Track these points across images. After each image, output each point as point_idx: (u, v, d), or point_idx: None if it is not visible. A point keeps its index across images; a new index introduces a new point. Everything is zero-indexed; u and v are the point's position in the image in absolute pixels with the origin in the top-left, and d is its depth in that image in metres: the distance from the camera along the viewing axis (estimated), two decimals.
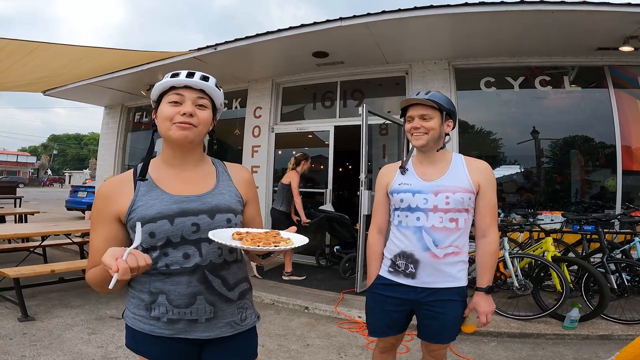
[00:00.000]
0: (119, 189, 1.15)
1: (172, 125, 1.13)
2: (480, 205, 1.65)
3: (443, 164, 1.69)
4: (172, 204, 1.13)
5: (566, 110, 5.39)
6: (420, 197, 1.63)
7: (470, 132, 5.74)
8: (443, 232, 1.60)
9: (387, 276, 1.71)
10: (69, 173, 45.00)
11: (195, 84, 1.15)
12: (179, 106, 1.13)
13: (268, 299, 4.27)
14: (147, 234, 1.09)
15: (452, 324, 1.63)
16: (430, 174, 1.68)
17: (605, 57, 4.93)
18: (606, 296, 3.35)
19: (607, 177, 5.11)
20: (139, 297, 1.15)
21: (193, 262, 1.12)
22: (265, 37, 5.03)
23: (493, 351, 3.17)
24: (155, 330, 1.12)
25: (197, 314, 1.13)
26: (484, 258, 1.65)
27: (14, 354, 2.79)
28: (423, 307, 1.64)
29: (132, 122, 8.95)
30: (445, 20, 4.38)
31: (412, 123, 1.67)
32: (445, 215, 1.60)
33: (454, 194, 1.59)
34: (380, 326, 1.75)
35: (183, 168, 1.20)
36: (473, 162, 1.70)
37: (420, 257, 1.61)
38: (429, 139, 1.64)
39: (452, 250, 1.60)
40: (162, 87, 1.16)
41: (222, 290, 1.17)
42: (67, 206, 10.96)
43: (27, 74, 5.43)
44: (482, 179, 1.64)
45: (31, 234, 4.62)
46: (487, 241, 1.65)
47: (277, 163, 6.66)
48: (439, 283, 1.61)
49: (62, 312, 3.66)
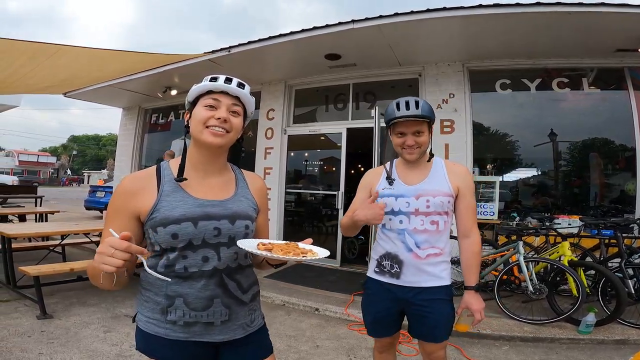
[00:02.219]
0: (141, 186, 1.14)
1: (205, 129, 1.14)
2: (461, 208, 1.72)
3: (424, 168, 1.75)
4: (196, 207, 1.13)
5: (584, 113, 5.29)
6: (402, 200, 1.69)
7: (486, 134, 5.68)
8: (425, 234, 1.66)
9: (374, 276, 1.79)
10: (88, 173, 46.07)
11: (232, 90, 1.17)
12: (214, 110, 1.15)
13: (279, 300, 4.30)
14: (170, 235, 1.09)
15: (442, 323, 1.67)
16: (412, 177, 1.74)
17: (625, 58, 4.82)
18: (623, 301, 3.29)
19: (627, 180, 4.99)
20: (154, 301, 1.14)
21: (212, 266, 1.14)
22: (277, 40, 5.09)
23: (505, 355, 3.13)
24: (171, 333, 1.12)
25: (214, 317, 1.14)
26: (468, 258, 1.72)
27: (32, 351, 2.86)
28: (412, 306, 1.69)
29: (149, 124, 9.11)
30: (458, 22, 4.34)
31: (404, 139, 1.68)
32: (427, 218, 1.66)
33: (434, 198, 1.66)
34: (374, 326, 1.81)
35: (207, 172, 1.21)
36: (452, 167, 1.76)
37: (404, 258, 1.68)
38: (421, 152, 1.70)
39: (433, 251, 1.67)
40: (200, 90, 1.17)
41: (237, 293, 1.20)
42: (86, 206, 11.21)
43: (48, 76, 5.59)
44: (461, 182, 1.71)
45: (51, 232, 4.75)
46: (470, 242, 1.71)
47: (289, 165, 6.70)
48: (423, 282, 1.67)
49: (80, 310, 3.76)
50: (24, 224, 6.01)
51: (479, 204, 5.19)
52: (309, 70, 6.22)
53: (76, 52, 4.59)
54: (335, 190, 6.11)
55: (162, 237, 1.10)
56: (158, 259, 1.14)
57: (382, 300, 1.75)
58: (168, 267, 1.13)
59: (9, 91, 7.20)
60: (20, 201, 10.41)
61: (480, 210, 5.18)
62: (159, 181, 1.16)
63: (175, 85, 7.20)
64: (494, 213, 5.12)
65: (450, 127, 5.30)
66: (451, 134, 5.28)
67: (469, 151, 5.20)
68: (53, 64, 4.85)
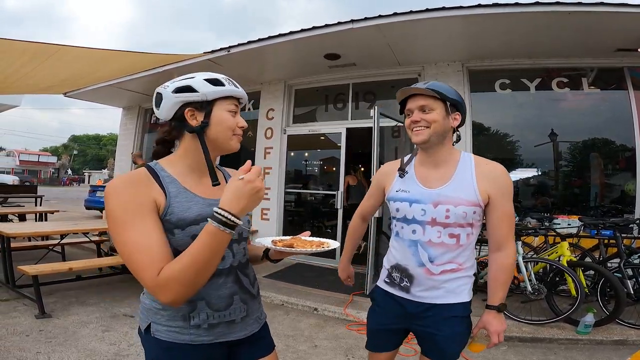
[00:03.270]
0: (145, 181, 1.06)
1: (233, 136, 1.16)
2: (493, 217, 1.43)
3: (448, 167, 1.47)
4: (207, 206, 1.09)
5: (584, 113, 5.28)
6: (417, 207, 1.45)
7: (486, 134, 5.68)
8: (441, 248, 1.42)
9: (384, 287, 1.60)
10: (89, 173, 46.06)
11: (245, 99, 1.21)
12: (235, 117, 1.16)
13: (278, 299, 4.30)
14: (190, 237, 1.02)
15: (454, 343, 1.45)
16: (432, 179, 1.48)
17: (625, 58, 4.81)
18: (622, 301, 3.29)
19: (627, 181, 4.98)
20: (173, 309, 1.08)
21: (228, 263, 1.14)
22: (277, 40, 5.09)
23: (503, 355, 3.13)
24: (196, 339, 1.09)
25: (235, 314, 1.15)
26: (497, 274, 1.45)
27: (30, 350, 2.86)
28: (421, 323, 1.48)
29: (149, 124, 9.13)
30: (458, 22, 4.34)
31: (411, 117, 1.46)
32: (444, 230, 1.41)
33: (456, 207, 1.39)
34: (374, 338, 1.61)
35: (202, 172, 1.18)
36: (484, 166, 1.46)
37: (414, 273, 1.46)
38: (431, 133, 1.42)
39: (450, 267, 1.43)
40: (223, 93, 1.14)
41: (249, 287, 1.22)
42: (86, 205, 11.22)
43: (49, 76, 5.61)
44: (494, 188, 1.41)
45: (50, 232, 4.76)
46: (502, 255, 1.44)
47: (289, 164, 6.70)
48: (435, 299, 1.44)
49: (78, 309, 3.76)
50: (23, 223, 6.01)
51: None
52: (309, 70, 6.22)
53: (77, 52, 4.60)
54: (335, 190, 6.11)
55: (181, 239, 1.04)
56: None
57: (389, 312, 1.56)
58: None
59: (10, 91, 7.22)
60: (20, 201, 10.43)
61: None
62: (158, 181, 1.09)
63: None
64: None
65: None
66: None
67: (468, 151, 5.17)
68: (54, 64, 4.86)
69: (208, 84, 1.12)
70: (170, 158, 1.17)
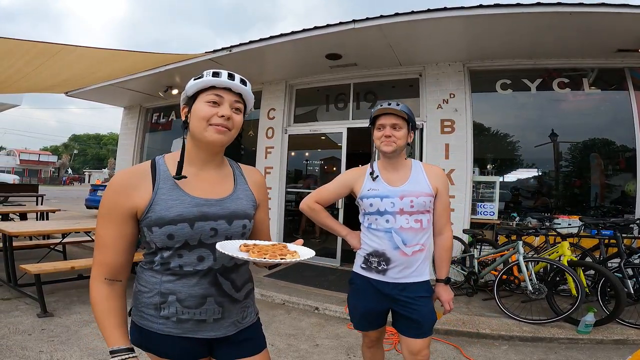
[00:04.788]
0: (136, 182, 1.09)
1: (208, 127, 1.11)
2: (438, 207, 1.85)
3: (405, 171, 1.86)
4: (193, 207, 1.10)
5: (585, 113, 5.29)
6: (387, 201, 1.79)
7: (486, 134, 5.69)
8: (410, 232, 1.77)
9: (360, 272, 1.88)
10: (89, 172, 46.09)
11: (235, 87, 1.15)
12: (217, 107, 1.12)
13: (279, 298, 4.31)
14: (166, 236, 1.07)
15: (427, 318, 1.78)
16: (395, 180, 1.84)
17: (626, 58, 4.82)
18: (622, 301, 3.30)
19: (627, 181, 4.99)
20: (148, 297, 1.13)
21: (207, 265, 1.13)
22: (278, 39, 5.09)
23: (504, 355, 3.14)
24: (164, 329, 1.12)
25: (206, 315, 1.14)
26: (441, 253, 1.87)
27: (32, 349, 2.87)
28: (397, 303, 1.79)
29: (150, 123, 9.12)
30: (459, 23, 4.34)
31: (383, 131, 1.80)
32: (411, 217, 1.77)
33: (417, 198, 1.77)
34: (360, 320, 1.91)
35: (204, 168, 1.19)
36: (430, 168, 1.89)
37: (391, 255, 1.78)
38: (397, 146, 1.79)
39: (418, 247, 1.78)
40: (202, 85, 1.13)
41: (231, 292, 1.19)
42: (87, 205, 11.22)
43: (51, 76, 5.61)
44: (440, 183, 1.84)
45: (52, 231, 4.75)
46: (443, 238, 1.87)
47: (290, 164, 6.71)
48: (406, 278, 1.78)
49: (80, 308, 3.77)
50: (25, 222, 6.01)
51: (479, 204, 5.20)
52: (310, 70, 6.22)
53: (79, 52, 4.60)
54: None
55: (157, 236, 1.08)
56: (153, 257, 1.14)
57: (369, 295, 1.84)
58: (163, 264, 1.12)
59: (11, 90, 7.21)
60: (21, 200, 10.43)
61: (480, 210, 5.19)
62: (154, 177, 1.11)
63: (176, 85, 7.20)
64: (494, 213, 5.13)
65: (450, 127, 5.30)
66: (451, 134, 5.28)
67: (469, 151, 5.20)
68: (55, 64, 4.86)
69: (192, 81, 1.15)
70: (176, 153, 1.19)
